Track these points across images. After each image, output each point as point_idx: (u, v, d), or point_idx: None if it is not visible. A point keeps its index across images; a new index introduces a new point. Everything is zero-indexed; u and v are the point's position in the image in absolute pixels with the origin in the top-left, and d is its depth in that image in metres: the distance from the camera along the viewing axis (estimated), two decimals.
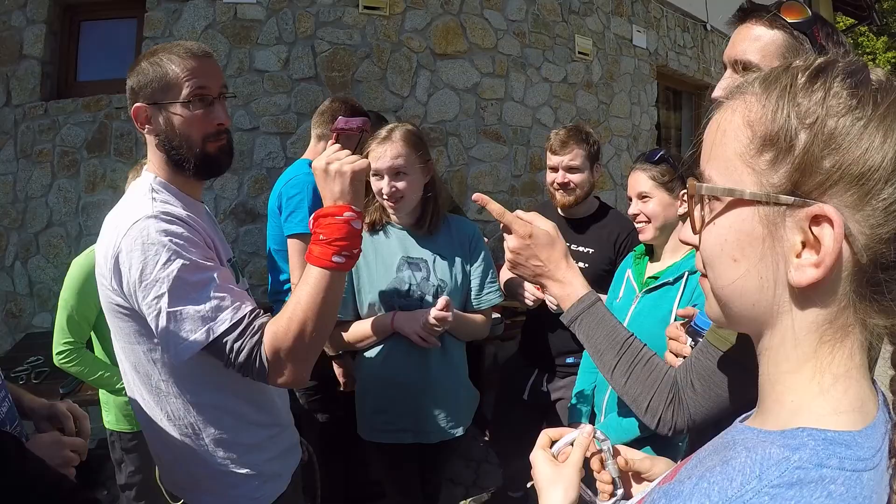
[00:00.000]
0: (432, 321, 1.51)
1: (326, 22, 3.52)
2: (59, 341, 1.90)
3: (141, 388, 1.15)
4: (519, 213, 1.00)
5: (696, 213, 0.52)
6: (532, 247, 0.96)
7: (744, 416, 0.54)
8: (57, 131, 3.36)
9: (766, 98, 0.46)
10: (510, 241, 0.97)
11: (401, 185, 1.57)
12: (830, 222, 0.42)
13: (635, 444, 1.61)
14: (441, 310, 1.50)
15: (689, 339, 1.12)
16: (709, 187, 0.49)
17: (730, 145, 0.48)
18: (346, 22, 3.55)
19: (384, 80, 3.66)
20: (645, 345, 1.00)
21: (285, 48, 3.47)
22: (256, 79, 3.42)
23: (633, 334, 0.99)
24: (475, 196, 1.03)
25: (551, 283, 0.98)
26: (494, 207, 1.00)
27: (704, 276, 0.53)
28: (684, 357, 1.11)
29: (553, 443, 0.76)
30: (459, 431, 1.72)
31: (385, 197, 1.58)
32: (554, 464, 0.72)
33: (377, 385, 1.67)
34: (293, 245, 1.97)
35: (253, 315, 1.05)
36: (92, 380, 1.93)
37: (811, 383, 0.45)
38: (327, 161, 1.10)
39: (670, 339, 1.20)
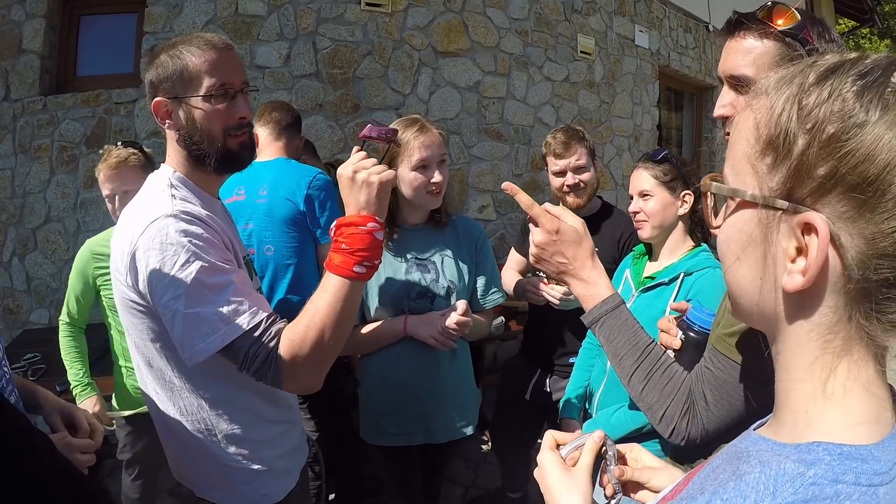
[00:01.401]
0: (454, 326, 1.49)
1: (328, 18, 3.50)
2: (63, 313, 2.04)
3: (154, 383, 1.14)
4: (548, 205, 0.98)
5: (710, 210, 0.53)
6: (558, 243, 0.94)
7: (757, 423, 0.53)
8: (56, 126, 3.35)
9: (776, 99, 0.45)
10: (536, 235, 0.95)
11: (445, 173, 1.56)
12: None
13: (635, 439, 1.60)
14: (461, 315, 1.49)
15: (680, 333, 1.12)
16: (717, 186, 0.50)
17: (740, 147, 0.48)
18: (348, 18, 3.54)
19: (385, 78, 3.64)
20: (665, 352, 0.98)
21: (286, 44, 3.45)
22: (257, 75, 3.40)
23: (654, 341, 0.98)
24: (504, 185, 1.00)
25: (575, 281, 0.96)
26: (523, 198, 0.97)
27: None
28: (674, 349, 1.11)
29: (558, 445, 0.74)
30: (469, 430, 1.71)
31: (433, 188, 1.54)
32: (566, 468, 0.70)
33: (385, 388, 1.65)
34: None
35: (270, 320, 1.03)
36: (66, 362, 2.02)
37: (821, 393, 0.44)
38: (354, 169, 1.08)
39: (661, 331, 1.20)
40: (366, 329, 1.61)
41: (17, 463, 0.76)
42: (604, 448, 0.73)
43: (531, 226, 0.97)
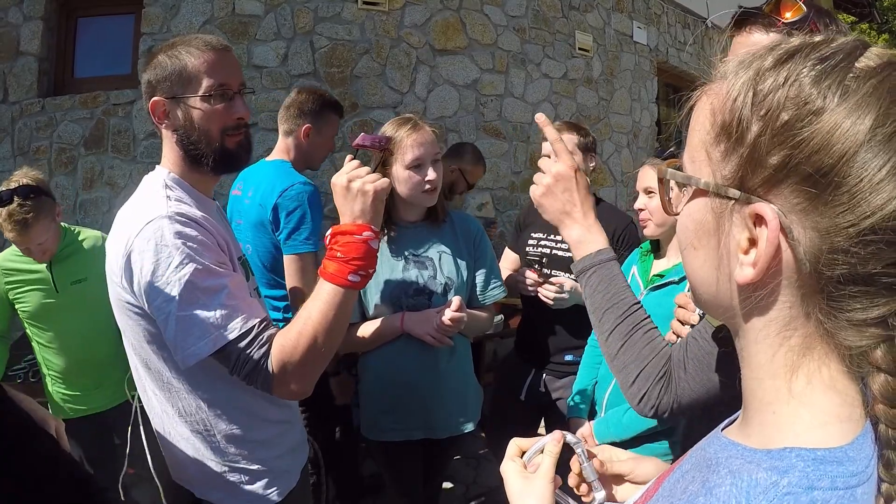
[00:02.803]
0: (448, 322, 1.49)
1: (325, 17, 3.50)
2: None
3: (152, 384, 1.14)
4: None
5: (667, 197, 0.53)
6: (572, 180, 0.92)
7: (726, 422, 0.51)
8: (54, 128, 3.35)
9: (733, 83, 0.43)
10: (556, 166, 0.93)
11: (440, 171, 1.56)
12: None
13: (640, 440, 1.59)
14: (455, 311, 1.49)
15: (698, 308, 1.10)
16: (672, 172, 0.49)
17: (697, 133, 0.46)
18: (345, 17, 3.53)
19: (383, 76, 3.64)
20: (649, 317, 0.96)
21: (284, 44, 3.45)
22: (255, 74, 3.40)
23: (639, 302, 0.95)
24: (538, 116, 0.98)
25: (574, 224, 0.93)
26: (550, 132, 0.95)
27: None
28: (692, 325, 1.09)
29: (523, 452, 0.72)
30: (469, 427, 1.71)
31: (428, 186, 1.54)
32: (524, 476, 0.68)
33: (385, 385, 1.65)
34: (296, 263, 1.81)
35: (262, 326, 1.04)
36: None
37: (786, 392, 0.43)
38: (349, 178, 1.09)
39: (679, 306, 1.18)
40: (364, 327, 1.61)
41: (24, 457, 0.77)
42: (571, 448, 0.72)
43: (542, 162, 0.95)
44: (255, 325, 1.02)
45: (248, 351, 1.01)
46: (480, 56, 3.96)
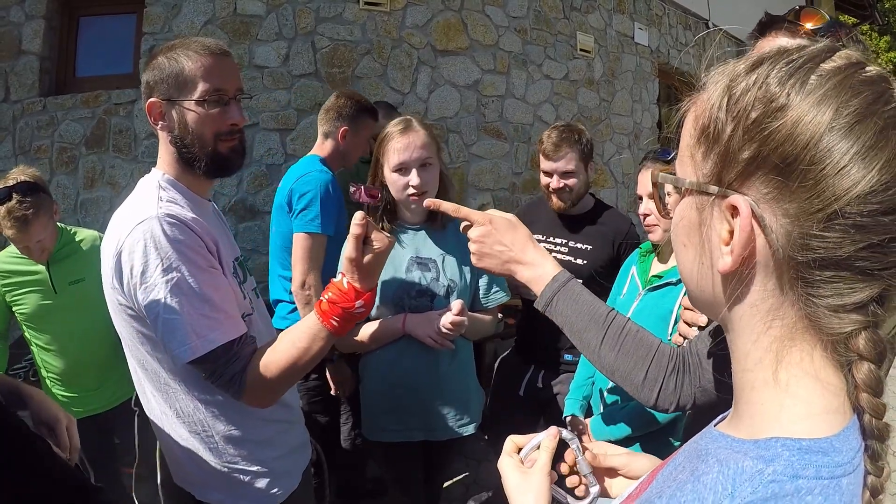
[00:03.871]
0: (448, 326, 1.49)
1: (326, 18, 3.50)
2: None
3: (149, 385, 1.15)
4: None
5: (661, 201, 0.58)
6: (494, 232, 0.94)
7: (719, 417, 0.53)
8: (55, 127, 3.35)
9: (712, 91, 0.46)
10: (473, 232, 0.96)
11: (428, 176, 1.54)
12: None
13: (627, 441, 1.59)
14: (457, 314, 1.48)
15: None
16: (662, 175, 0.52)
17: (684, 139, 0.50)
18: (347, 18, 3.53)
19: (384, 77, 3.64)
20: (629, 319, 0.95)
21: (285, 44, 3.45)
22: (256, 75, 3.40)
23: (614, 309, 0.95)
24: (427, 202, 1.03)
25: (520, 267, 0.94)
26: (448, 206, 1.00)
27: None
28: (700, 327, 1.09)
29: (520, 448, 0.74)
30: (470, 429, 1.71)
31: (412, 191, 1.52)
32: (522, 471, 0.70)
33: (386, 386, 1.65)
34: (300, 242, 1.95)
35: (241, 343, 1.06)
36: None
37: (772, 383, 0.44)
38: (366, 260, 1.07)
39: (686, 308, 1.17)
40: (365, 328, 1.61)
41: (21, 461, 0.77)
42: (566, 443, 0.73)
43: (464, 229, 0.98)
44: (234, 341, 1.04)
45: (225, 365, 1.03)
46: (482, 57, 3.96)
